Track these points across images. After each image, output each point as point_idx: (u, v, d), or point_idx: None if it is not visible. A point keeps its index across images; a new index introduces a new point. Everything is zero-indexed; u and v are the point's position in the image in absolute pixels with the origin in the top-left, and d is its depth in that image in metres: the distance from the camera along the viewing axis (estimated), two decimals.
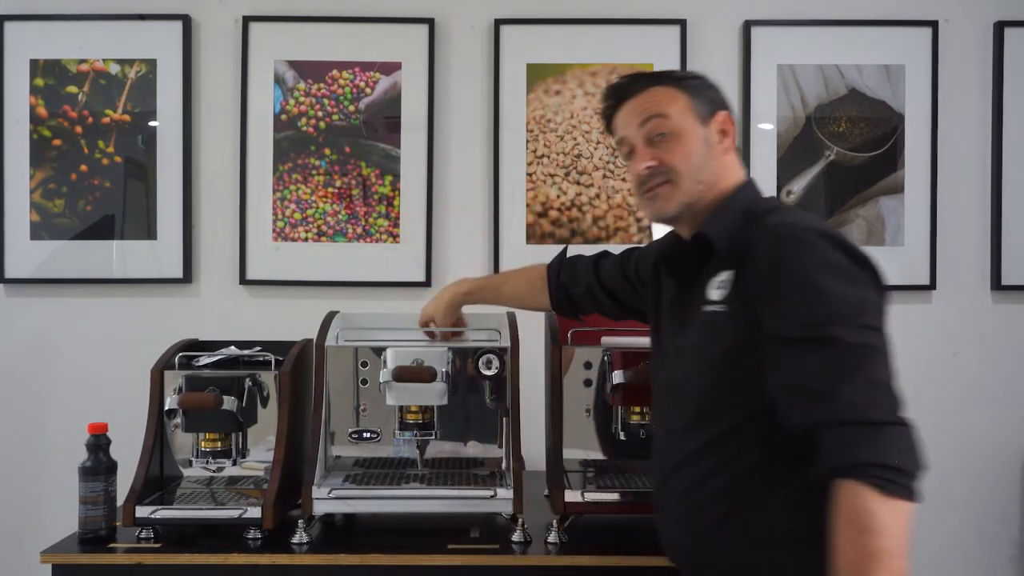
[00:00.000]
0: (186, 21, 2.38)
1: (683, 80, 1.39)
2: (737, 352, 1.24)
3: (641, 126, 1.37)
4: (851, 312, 1.14)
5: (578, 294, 1.71)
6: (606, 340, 1.82)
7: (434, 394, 1.74)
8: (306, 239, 2.39)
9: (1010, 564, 2.39)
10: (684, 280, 1.38)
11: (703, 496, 1.28)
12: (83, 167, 2.37)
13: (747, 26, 2.38)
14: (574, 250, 2.34)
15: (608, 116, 1.44)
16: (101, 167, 2.38)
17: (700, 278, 1.33)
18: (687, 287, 1.37)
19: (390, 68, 2.39)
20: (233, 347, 1.89)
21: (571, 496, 1.67)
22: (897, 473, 1.06)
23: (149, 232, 2.38)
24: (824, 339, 1.12)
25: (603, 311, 1.72)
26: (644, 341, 1.79)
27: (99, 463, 1.67)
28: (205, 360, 1.82)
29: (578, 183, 2.38)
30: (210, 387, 1.72)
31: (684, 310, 1.36)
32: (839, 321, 1.13)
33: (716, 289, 1.28)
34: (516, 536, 1.65)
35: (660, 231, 2.36)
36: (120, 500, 1.71)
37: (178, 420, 1.73)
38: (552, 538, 1.65)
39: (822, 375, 1.12)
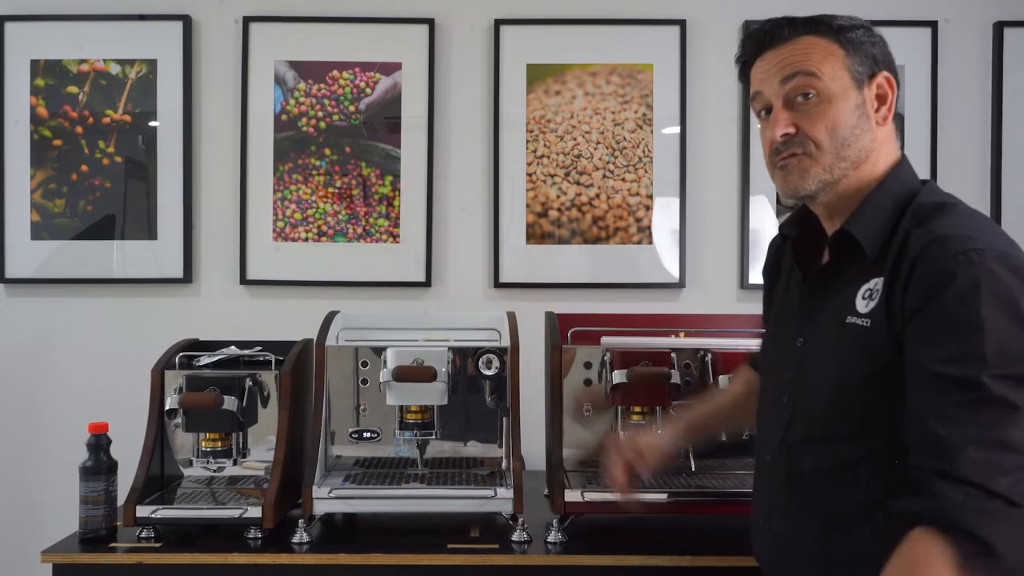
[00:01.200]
0: (186, 21, 2.38)
1: (842, 31, 1.17)
2: (875, 375, 1.09)
3: (783, 83, 1.16)
4: (1009, 359, 0.99)
5: None
6: (606, 340, 1.82)
7: (434, 394, 1.74)
8: (306, 239, 2.39)
9: None
10: (812, 273, 1.23)
11: (819, 525, 1.16)
12: (84, 167, 2.37)
13: (747, 26, 2.38)
14: (575, 250, 2.36)
15: (745, 63, 1.24)
16: (102, 167, 2.38)
17: (840, 277, 1.18)
18: (815, 282, 1.22)
19: (390, 68, 2.39)
20: (233, 347, 1.90)
21: (571, 496, 1.67)
22: (987, 555, 0.93)
23: (149, 232, 2.38)
24: (968, 382, 0.98)
25: None
26: (644, 341, 1.80)
27: (100, 463, 1.67)
28: (205, 360, 1.83)
29: (578, 183, 2.38)
30: (210, 387, 1.72)
31: (812, 309, 1.21)
32: (993, 366, 0.98)
33: (863, 299, 1.12)
34: (516, 536, 1.65)
35: (659, 232, 2.38)
36: (121, 500, 1.71)
37: (178, 420, 1.74)
38: (552, 538, 1.65)
39: (953, 422, 0.98)
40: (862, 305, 1.12)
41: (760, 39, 1.21)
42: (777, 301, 1.35)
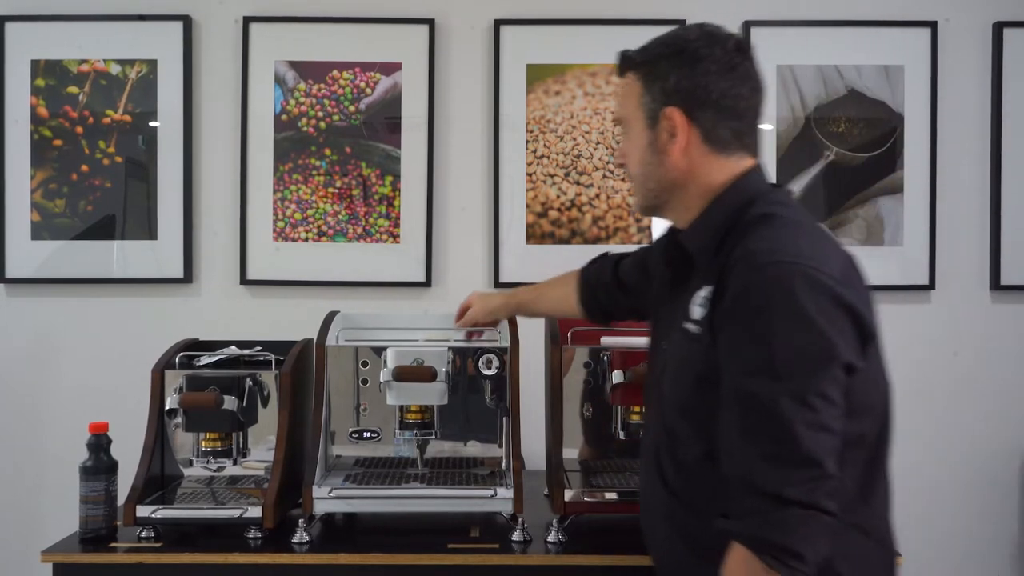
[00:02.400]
0: (186, 21, 2.38)
1: (644, 64, 1.22)
2: (705, 383, 1.13)
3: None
4: (799, 370, 1.02)
5: (602, 294, 1.62)
6: (606, 340, 1.82)
7: (434, 394, 1.74)
8: (306, 239, 2.39)
9: (1010, 564, 2.39)
10: (675, 276, 1.28)
11: (669, 501, 1.22)
12: (84, 167, 2.38)
13: (747, 26, 2.38)
14: (575, 250, 2.36)
15: None
16: (102, 167, 2.38)
17: (684, 284, 1.24)
18: (671, 287, 1.29)
19: (390, 68, 2.39)
20: (234, 347, 1.90)
21: (571, 495, 1.68)
22: (796, 559, 1.01)
23: (150, 232, 2.38)
24: (759, 396, 1.03)
25: (622, 314, 1.64)
26: (644, 341, 1.79)
27: (100, 462, 1.67)
28: (206, 360, 1.83)
29: (578, 183, 2.38)
30: (211, 387, 1.73)
31: (674, 311, 1.25)
32: (783, 378, 1.02)
33: (697, 306, 1.17)
34: (516, 535, 1.65)
35: (659, 232, 2.37)
36: (121, 500, 1.71)
37: (179, 420, 1.74)
38: (552, 537, 1.65)
39: (748, 436, 1.04)
40: (695, 311, 1.17)
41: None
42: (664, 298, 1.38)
